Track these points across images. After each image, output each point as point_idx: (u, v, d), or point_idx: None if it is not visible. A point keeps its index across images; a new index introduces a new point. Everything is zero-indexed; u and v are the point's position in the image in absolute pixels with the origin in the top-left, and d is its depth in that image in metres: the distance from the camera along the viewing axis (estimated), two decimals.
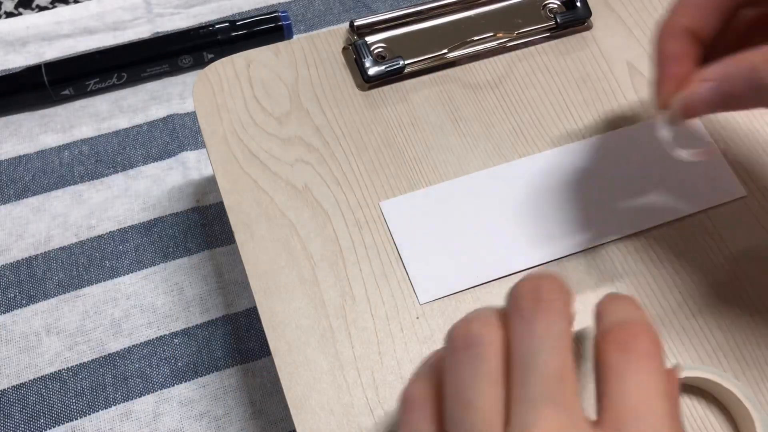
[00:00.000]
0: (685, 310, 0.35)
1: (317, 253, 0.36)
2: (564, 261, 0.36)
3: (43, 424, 0.43)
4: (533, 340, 0.23)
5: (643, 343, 0.23)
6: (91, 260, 0.49)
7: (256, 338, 0.46)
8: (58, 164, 0.53)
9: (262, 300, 0.35)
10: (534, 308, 0.24)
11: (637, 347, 0.23)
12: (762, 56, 0.26)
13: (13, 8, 0.62)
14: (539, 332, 0.23)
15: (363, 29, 0.42)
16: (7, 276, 0.48)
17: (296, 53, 0.42)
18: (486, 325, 0.24)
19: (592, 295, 0.35)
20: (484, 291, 0.35)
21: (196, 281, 0.48)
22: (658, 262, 0.36)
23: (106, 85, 0.56)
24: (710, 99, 0.28)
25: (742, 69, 0.26)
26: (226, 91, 0.41)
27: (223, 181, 0.38)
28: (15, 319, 0.46)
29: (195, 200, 0.51)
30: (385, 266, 0.36)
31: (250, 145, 0.39)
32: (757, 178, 0.38)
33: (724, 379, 0.31)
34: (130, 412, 0.43)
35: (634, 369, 0.23)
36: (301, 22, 0.61)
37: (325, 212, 0.37)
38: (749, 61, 0.26)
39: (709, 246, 0.36)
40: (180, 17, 0.61)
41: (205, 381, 0.45)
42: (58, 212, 0.51)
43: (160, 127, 0.55)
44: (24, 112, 0.56)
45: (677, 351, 0.34)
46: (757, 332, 0.34)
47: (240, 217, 0.37)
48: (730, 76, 0.27)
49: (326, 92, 0.41)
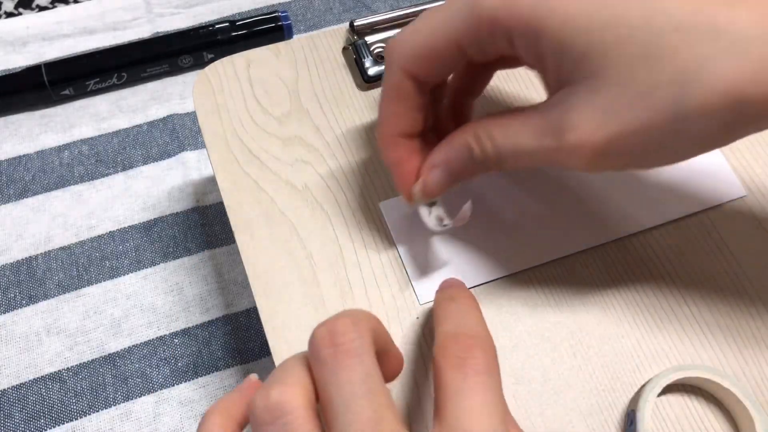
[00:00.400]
0: (685, 310, 0.35)
1: (317, 254, 0.36)
2: (563, 261, 0.36)
3: (43, 424, 0.43)
4: (342, 389, 0.23)
5: (478, 358, 0.25)
6: (91, 260, 0.49)
7: (256, 338, 0.46)
8: (58, 164, 0.53)
9: (262, 300, 0.35)
10: (333, 354, 0.24)
11: (472, 363, 0.24)
12: (473, 135, 0.29)
13: (13, 8, 0.62)
14: (345, 379, 0.23)
15: (363, 29, 0.42)
16: (7, 276, 0.48)
17: (296, 53, 0.42)
18: (286, 387, 0.24)
19: (592, 295, 0.35)
20: (484, 291, 0.35)
21: (196, 281, 0.48)
22: (658, 262, 0.36)
23: (106, 85, 0.56)
24: (442, 181, 0.31)
25: (460, 150, 0.30)
26: (226, 91, 0.41)
27: (223, 181, 0.38)
28: (15, 319, 0.46)
29: (195, 200, 0.51)
30: (384, 267, 0.36)
31: (250, 145, 0.39)
32: (757, 178, 0.38)
33: (723, 379, 0.31)
34: (130, 412, 0.43)
35: (468, 388, 0.24)
36: (301, 22, 0.61)
37: (325, 212, 0.37)
38: (464, 142, 0.30)
39: (709, 246, 0.36)
40: (180, 17, 0.61)
41: (205, 381, 0.45)
42: (58, 212, 0.51)
43: (160, 127, 0.55)
44: (24, 112, 0.56)
45: (677, 351, 0.34)
46: (757, 332, 0.34)
47: (240, 217, 0.37)
48: (452, 159, 0.30)
49: (326, 92, 0.41)
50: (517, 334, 0.34)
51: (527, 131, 0.28)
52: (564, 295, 0.35)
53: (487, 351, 0.26)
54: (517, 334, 0.34)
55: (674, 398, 0.33)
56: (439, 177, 0.31)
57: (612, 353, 0.34)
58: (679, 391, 0.33)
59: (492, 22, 0.27)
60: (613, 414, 0.32)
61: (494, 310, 0.35)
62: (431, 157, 0.31)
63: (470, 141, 0.30)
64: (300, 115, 0.40)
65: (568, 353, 0.34)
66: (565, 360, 0.33)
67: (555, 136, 0.27)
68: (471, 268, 0.36)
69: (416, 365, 0.33)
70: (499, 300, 0.35)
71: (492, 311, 0.35)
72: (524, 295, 0.35)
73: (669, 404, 0.33)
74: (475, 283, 0.35)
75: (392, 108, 0.31)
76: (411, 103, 0.30)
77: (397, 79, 0.30)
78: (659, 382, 0.31)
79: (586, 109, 0.26)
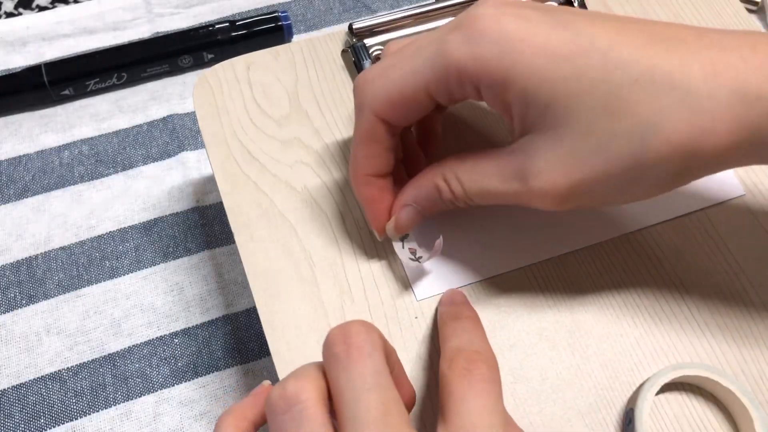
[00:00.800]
0: (683, 308, 0.35)
1: (316, 254, 0.36)
2: (562, 258, 0.36)
3: (43, 424, 0.43)
4: (353, 383, 0.25)
5: (482, 369, 0.27)
6: (91, 260, 0.49)
7: (256, 338, 0.46)
8: (58, 164, 0.53)
9: (262, 301, 0.35)
10: (346, 351, 0.25)
11: (477, 373, 0.26)
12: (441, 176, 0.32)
13: (13, 8, 0.62)
14: (356, 373, 0.25)
15: (362, 32, 0.42)
16: (7, 276, 0.48)
17: (295, 56, 0.43)
18: (301, 380, 0.26)
19: (591, 294, 0.35)
20: (482, 290, 0.35)
21: (196, 281, 0.48)
22: (658, 262, 0.36)
23: (106, 85, 0.56)
24: (413, 218, 0.33)
25: (429, 191, 0.32)
26: (226, 94, 0.41)
27: (223, 183, 0.38)
28: (15, 319, 0.46)
29: (195, 200, 0.52)
30: (383, 267, 0.36)
31: (250, 147, 0.39)
32: (755, 177, 0.39)
33: (722, 378, 0.31)
34: (130, 412, 0.43)
35: (474, 392, 0.26)
36: (301, 22, 0.62)
37: (324, 213, 0.37)
38: (432, 184, 0.32)
39: (709, 245, 0.36)
40: (180, 17, 0.61)
41: (205, 381, 0.45)
42: (58, 212, 0.51)
43: (160, 127, 0.55)
44: (24, 112, 0.56)
45: (675, 349, 0.34)
46: (757, 331, 0.34)
47: (240, 219, 0.37)
48: (421, 199, 0.33)
49: (325, 94, 0.41)
50: (515, 333, 0.34)
51: (494, 175, 0.30)
52: (562, 293, 0.35)
53: (491, 365, 0.27)
54: (516, 333, 0.34)
55: (673, 397, 0.33)
56: (410, 215, 0.33)
57: (610, 352, 0.34)
58: (677, 390, 0.33)
59: (460, 73, 0.28)
60: (612, 413, 0.32)
61: (492, 310, 0.35)
62: (402, 196, 0.33)
63: (439, 183, 0.32)
64: (299, 117, 0.40)
65: (566, 352, 0.34)
66: (564, 359, 0.34)
67: (521, 181, 0.29)
68: (469, 265, 0.36)
69: (415, 365, 0.33)
70: (497, 299, 0.35)
71: (490, 310, 0.35)
72: (522, 294, 0.35)
73: (667, 403, 0.33)
74: (472, 281, 0.35)
75: (364, 150, 0.32)
76: (383, 145, 0.32)
77: (369, 124, 0.31)
78: (658, 381, 0.31)
79: (550, 157, 0.28)
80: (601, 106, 0.26)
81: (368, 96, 0.31)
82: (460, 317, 0.31)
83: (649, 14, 0.44)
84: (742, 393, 0.31)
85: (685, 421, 0.32)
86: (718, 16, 0.44)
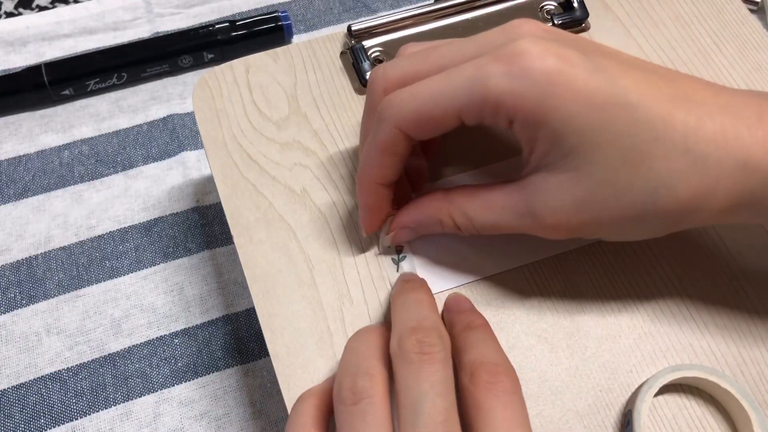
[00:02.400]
0: (682, 309, 0.35)
1: (315, 256, 0.36)
2: (562, 260, 0.36)
3: (43, 424, 0.43)
4: (420, 386, 0.27)
5: (505, 381, 0.28)
6: (91, 260, 0.49)
7: (255, 338, 0.46)
8: (58, 164, 0.53)
9: (261, 303, 0.35)
10: (420, 358, 0.27)
11: (501, 386, 0.28)
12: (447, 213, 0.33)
13: (13, 8, 0.62)
14: (424, 379, 0.27)
15: (360, 33, 0.42)
16: (7, 276, 0.48)
17: (294, 58, 0.43)
18: (371, 377, 0.28)
19: (590, 293, 0.35)
20: (481, 291, 0.35)
21: (196, 281, 0.48)
22: (655, 261, 0.36)
23: (106, 85, 0.56)
24: (411, 238, 0.35)
25: (432, 222, 0.34)
26: (225, 97, 0.41)
27: (223, 186, 0.38)
28: (15, 319, 0.47)
29: (195, 200, 0.52)
30: (382, 269, 0.36)
31: (249, 149, 0.39)
32: None
33: (721, 379, 0.31)
34: (130, 412, 0.44)
35: (500, 404, 0.27)
36: (301, 22, 0.61)
37: (323, 215, 0.37)
38: (436, 217, 0.34)
39: (707, 245, 0.36)
40: (180, 17, 0.61)
41: (205, 381, 0.45)
42: (58, 212, 0.51)
43: (160, 127, 0.55)
44: (24, 112, 0.56)
45: (674, 351, 0.34)
46: (756, 333, 0.34)
47: (239, 221, 0.37)
48: (423, 225, 0.34)
49: (324, 97, 0.41)
50: (514, 334, 0.34)
51: (507, 212, 0.32)
52: (561, 295, 0.35)
53: (512, 376, 0.28)
54: (515, 334, 0.34)
55: (671, 398, 0.33)
56: (409, 236, 0.35)
57: (609, 353, 0.34)
58: (676, 391, 0.33)
59: (498, 106, 0.29)
60: (611, 414, 0.32)
61: (491, 311, 0.35)
62: (404, 218, 0.35)
63: (443, 219, 0.33)
64: (298, 119, 0.40)
65: (565, 353, 0.34)
66: (563, 360, 0.34)
67: (533, 218, 0.31)
68: (467, 264, 0.36)
69: None
70: (496, 300, 0.35)
71: (489, 311, 0.35)
72: (521, 295, 0.35)
73: (666, 404, 0.33)
74: (470, 280, 0.35)
75: (380, 160, 0.32)
76: (399, 157, 0.32)
77: (391, 137, 0.31)
78: (656, 382, 0.31)
79: (567, 198, 0.30)
80: (621, 156, 0.28)
81: (394, 109, 0.31)
82: (474, 326, 0.31)
83: (649, 13, 0.44)
84: (741, 394, 0.31)
85: (684, 423, 0.32)
86: (719, 14, 0.44)
